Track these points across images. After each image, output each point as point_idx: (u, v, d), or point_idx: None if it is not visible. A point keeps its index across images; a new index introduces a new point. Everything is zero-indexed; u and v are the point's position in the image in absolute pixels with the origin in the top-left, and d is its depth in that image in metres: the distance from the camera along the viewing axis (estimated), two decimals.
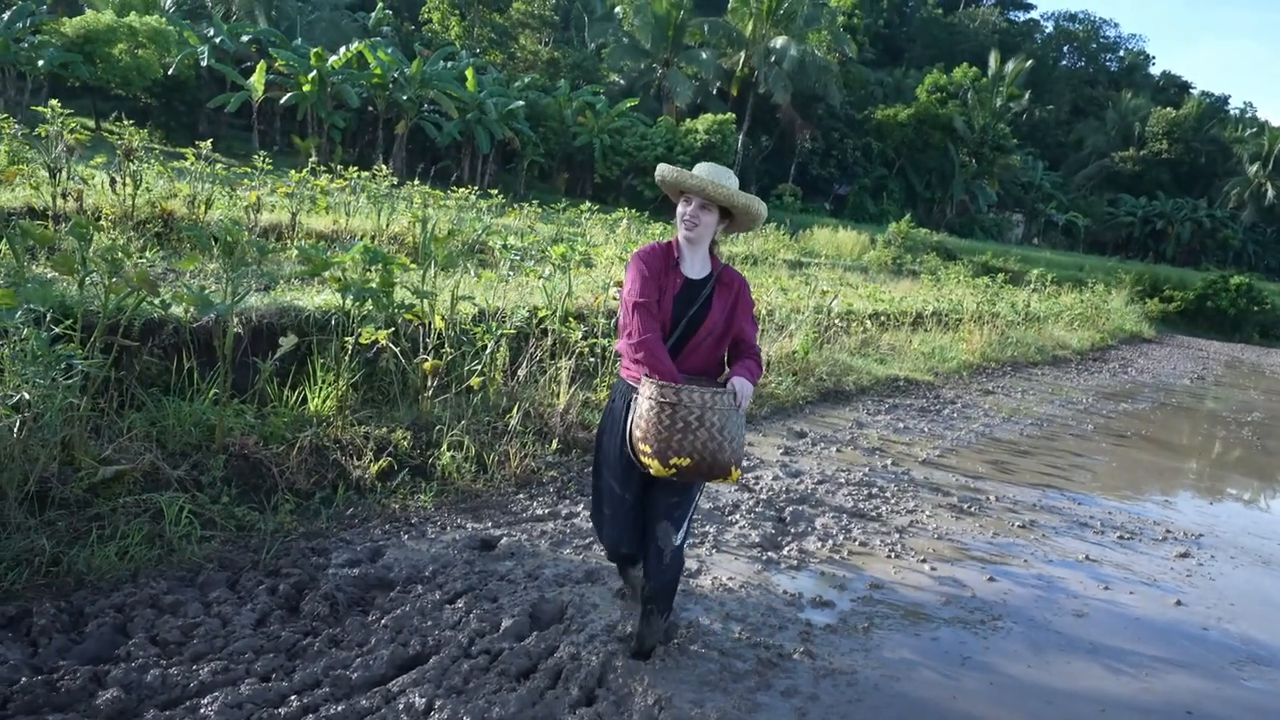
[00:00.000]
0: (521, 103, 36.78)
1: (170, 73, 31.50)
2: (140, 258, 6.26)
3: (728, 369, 3.20)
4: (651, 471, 2.92)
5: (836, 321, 11.48)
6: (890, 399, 9.79)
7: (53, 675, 2.69)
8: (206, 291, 4.68)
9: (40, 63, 27.97)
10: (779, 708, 3.20)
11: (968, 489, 6.52)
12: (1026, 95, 55.97)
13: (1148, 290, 33.14)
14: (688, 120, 41.13)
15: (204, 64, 32.73)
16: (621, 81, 47.07)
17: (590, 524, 4.18)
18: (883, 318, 13.12)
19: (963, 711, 3.35)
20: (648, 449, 2.89)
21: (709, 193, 3.01)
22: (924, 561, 4.88)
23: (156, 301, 4.22)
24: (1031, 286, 21.31)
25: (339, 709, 2.76)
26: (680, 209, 3.08)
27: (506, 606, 3.61)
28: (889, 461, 6.96)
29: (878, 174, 50.03)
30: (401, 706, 2.84)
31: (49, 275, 4.91)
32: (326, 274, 5.08)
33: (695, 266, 3.13)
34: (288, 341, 4.80)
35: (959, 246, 37.93)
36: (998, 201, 55.60)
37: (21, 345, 3.40)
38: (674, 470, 2.86)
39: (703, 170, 3.05)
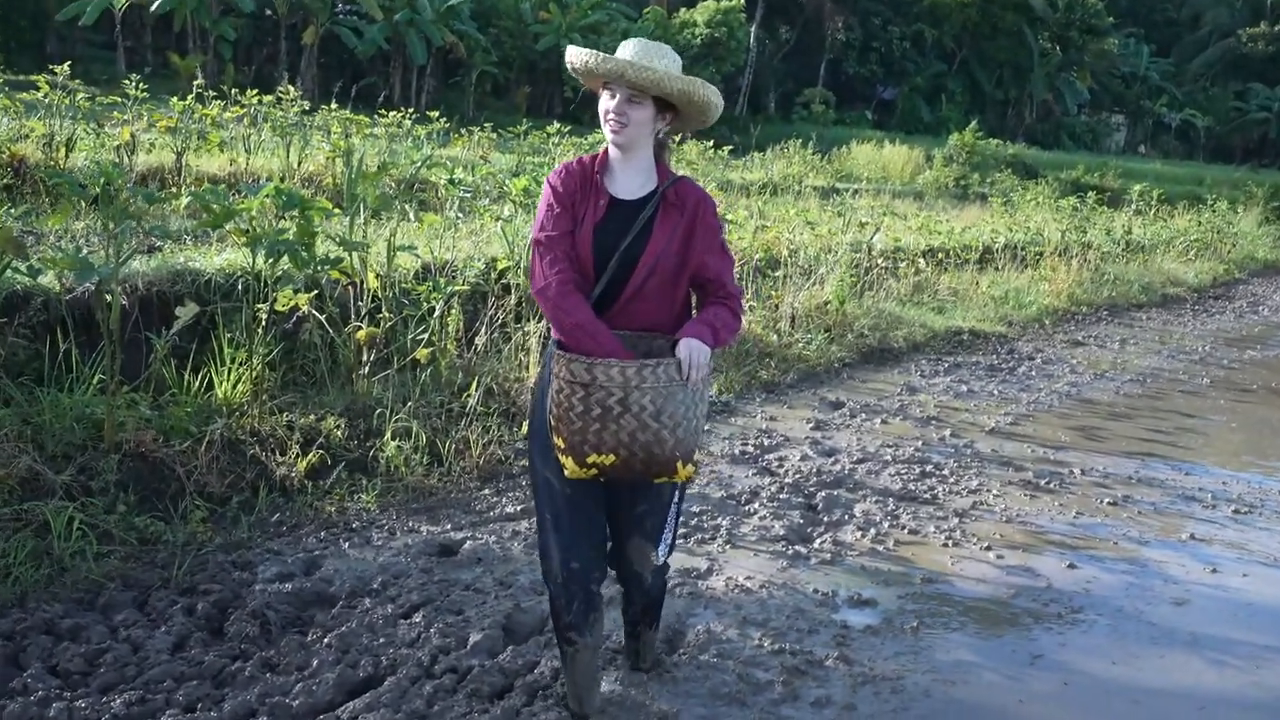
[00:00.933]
0: None
1: None
2: None
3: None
4: (566, 473, 2.86)
5: (880, 262, 11.72)
6: (950, 357, 10.06)
7: None
8: (83, 254, 4.90)
9: None
10: (808, 716, 3.46)
11: (1046, 462, 6.79)
12: None
13: None
14: (683, 10, 41.20)
15: None
16: None
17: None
18: (940, 255, 13.36)
19: (1030, 717, 3.62)
20: (560, 442, 2.81)
21: (631, 78, 2.81)
22: (988, 549, 5.15)
23: (24, 268, 4.44)
24: (1133, 208, 21.55)
25: None
26: (602, 105, 2.90)
27: (474, 620, 3.86)
28: (947, 433, 7.23)
29: (933, 71, 50.14)
30: None
31: None
32: (229, 226, 5.29)
33: (629, 182, 2.97)
34: (186, 311, 5.03)
35: (1041, 160, 38.21)
36: (1091, 100, 55.82)
37: None
38: (594, 471, 2.79)
39: (628, 50, 2.89)
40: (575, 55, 2.92)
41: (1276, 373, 11.04)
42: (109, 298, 4.82)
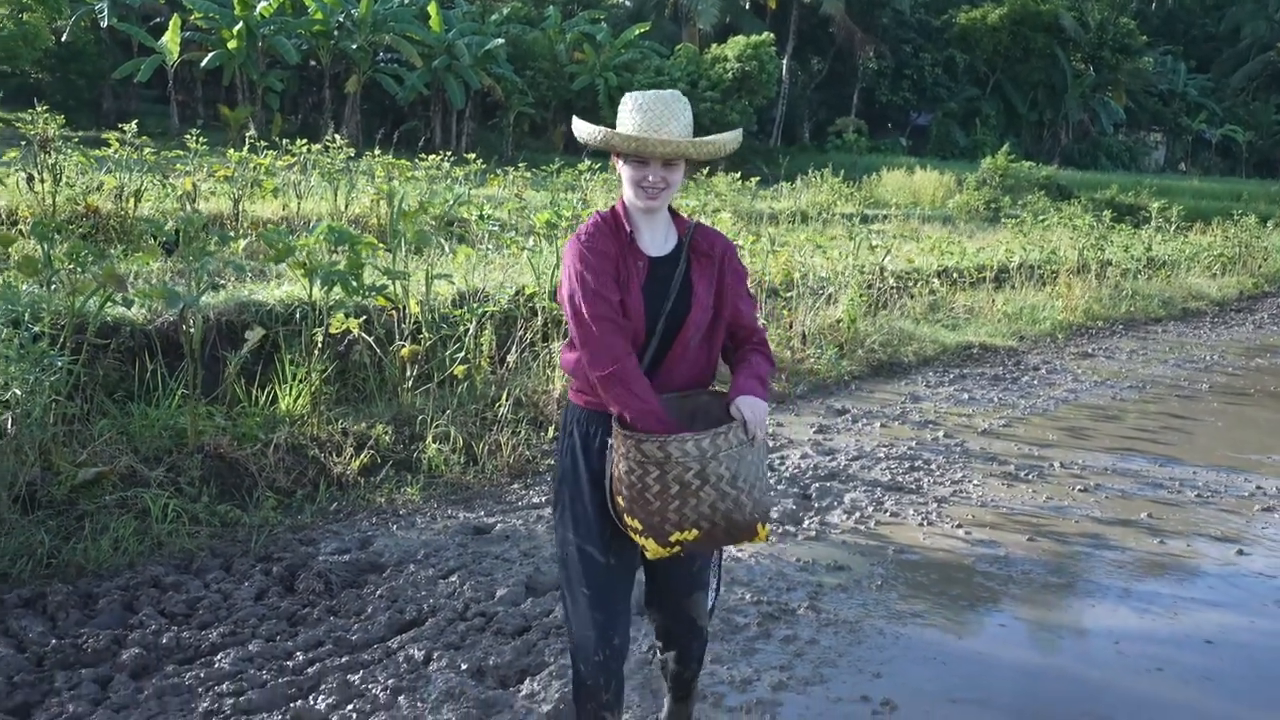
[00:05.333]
0: (501, 40, 38.10)
1: (64, 39, 33.13)
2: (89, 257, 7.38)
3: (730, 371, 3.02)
4: (648, 554, 2.78)
5: (892, 282, 12.42)
6: (958, 369, 10.74)
7: (77, 640, 3.78)
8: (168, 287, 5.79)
9: None
10: (776, 651, 4.21)
11: (1029, 457, 7.46)
12: None
13: None
14: (714, 46, 42.21)
15: (104, 25, 34.34)
16: (627, 3, 48.38)
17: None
18: (954, 275, 14.04)
19: (964, 648, 4.35)
20: (636, 524, 2.73)
21: (688, 155, 2.82)
22: (959, 527, 5.86)
23: (120, 299, 5.33)
24: (1154, 224, 22.06)
25: (342, 661, 3.82)
26: (631, 173, 2.83)
27: (501, 579, 4.65)
28: (941, 434, 7.92)
29: (966, 95, 50.76)
30: (401, 659, 3.89)
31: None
32: (289, 260, 6.17)
33: (657, 238, 2.92)
34: (254, 334, 5.90)
35: (1076, 181, 38.60)
36: (1127, 119, 56.06)
37: (4, 347, 4.49)
38: (678, 548, 2.73)
39: (641, 112, 2.82)
40: (593, 136, 2.89)
41: (1277, 378, 11.59)
42: (190, 324, 5.70)
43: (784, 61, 44.81)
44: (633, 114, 2.83)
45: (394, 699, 3.61)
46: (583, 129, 2.93)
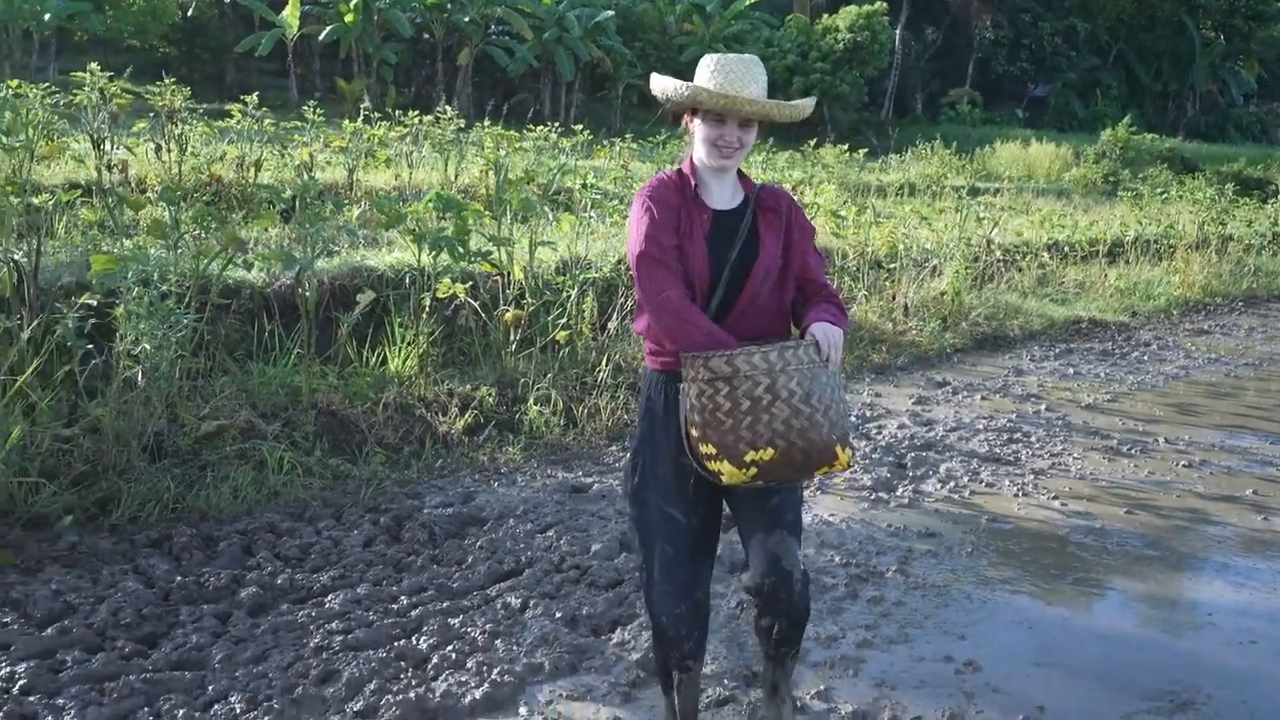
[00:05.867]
0: (611, 12, 38.19)
1: (189, 14, 34.29)
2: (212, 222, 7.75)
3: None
4: (724, 479, 2.73)
5: (1000, 255, 12.25)
6: (1065, 343, 10.58)
7: (199, 578, 4.05)
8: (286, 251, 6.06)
9: (46, 16, 30.98)
10: (862, 611, 4.29)
11: (1133, 432, 7.36)
12: None
13: None
14: (825, 16, 41.70)
15: (227, 0, 35.38)
16: None
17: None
18: (1065, 249, 13.77)
19: (1052, 614, 4.37)
20: (710, 449, 2.71)
21: (772, 116, 2.90)
22: (1055, 499, 5.83)
23: (241, 261, 5.61)
24: None
25: (444, 606, 4.03)
26: (708, 131, 2.88)
27: (596, 535, 4.81)
28: (1042, 408, 7.85)
29: (1087, 65, 49.22)
30: (499, 605, 4.07)
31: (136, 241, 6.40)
32: (399, 227, 6.40)
33: (724, 194, 2.99)
34: (365, 297, 6.15)
35: (1201, 154, 37.27)
36: (1259, 90, 53.70)
37: (135, 304, 4.79)
38: (754, 470, 2.68)
39: (722, 73, 2.86)
40: (672, 88, 2.91)
41: None
42: (305, 287, 5.97)
43: (897, 31, 44.00)
44: (714, 74, 2.87)
45: (491, 641, 3.79)
46: (666, 83, 2.94)
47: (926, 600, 4.43)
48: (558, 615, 4.01)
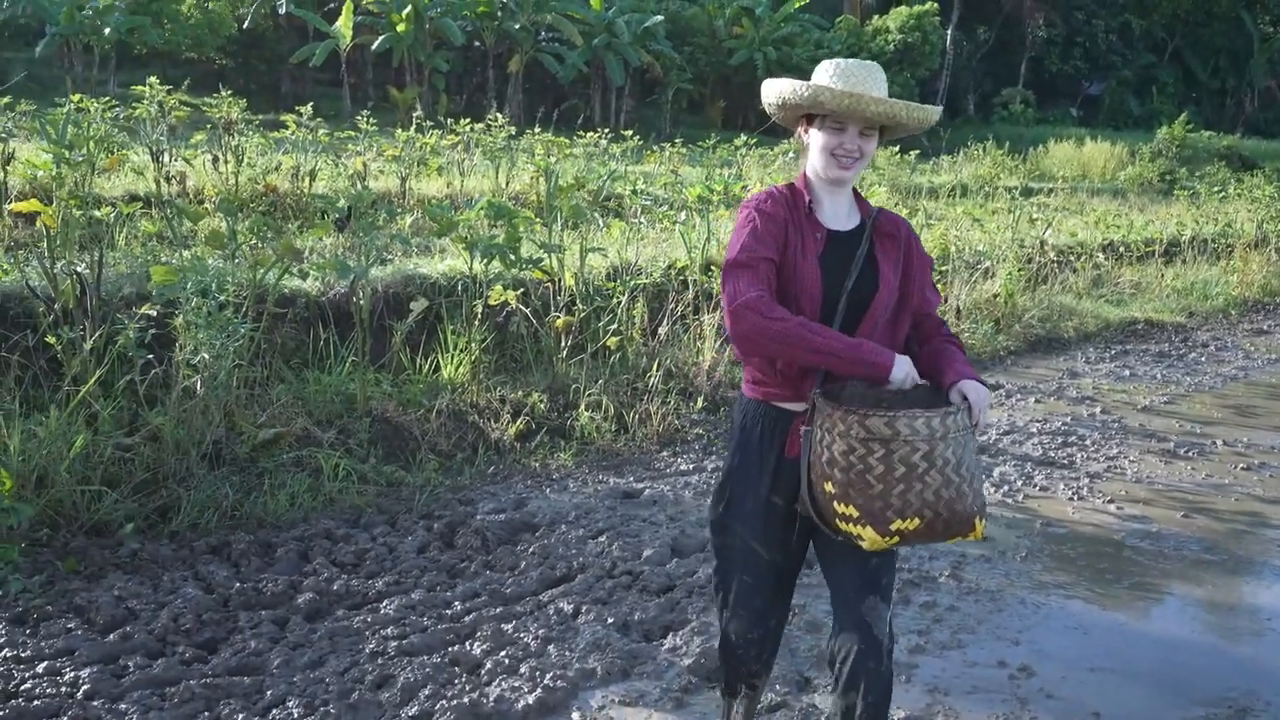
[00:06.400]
0: (660, 17, 38.26)
1: (245, 26, 34.81)
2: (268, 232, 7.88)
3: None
4: (864, 544, 2.53)
5: (1054, 257, 12.11)
6: (1120, 345, 10.44)
7: (258, 584, 4.12)
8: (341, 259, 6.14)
9: (106, 30, 31.63)
10: (914, 616, 4.26)
11: (1190, 435, 7.24)
12: None
13: None
14: (875, 17, 41.48)
15: (282, 12, 35.95)
16: None
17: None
18: (1120, 249, 13.58)
19: (1107, 619, 4.31)
20: (852, 510, 2.51)
21: (899, 117, 2.68)
22: (1110, 502, 5.76)
23: (297, 270, 5.69)
24: None
25: (497, 611, 4.06)
26: (826, 139, 2.70)
27: (648, 540, 4.82)
28: (1098, 410, 7.75)
29: (1142, 63, 48.49)
30: (552, 611, 4.10)
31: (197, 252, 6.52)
32: (451, 235, 6.46)
33: (838, 213, 2.79)
34: (418, 305, 6.22)
35: (1261, 151, 36.62)
36: None
37: (194, 314, 4.88)
38: (896, 539, 2.51)
39: (842, 76, 2.69)
40: (789, 90, 2.72)
41: None
42: (359, 296, 6.05)
43: (948, 32, 43.62)
44: (834, 77, 2.68)
45: (544, 647, 3.82)
46: (782, 85, 2.74)
47: (980, 605, 4.40)
48: (610, 621, 4.03)
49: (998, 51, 48.64)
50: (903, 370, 2.60)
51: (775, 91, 2.76)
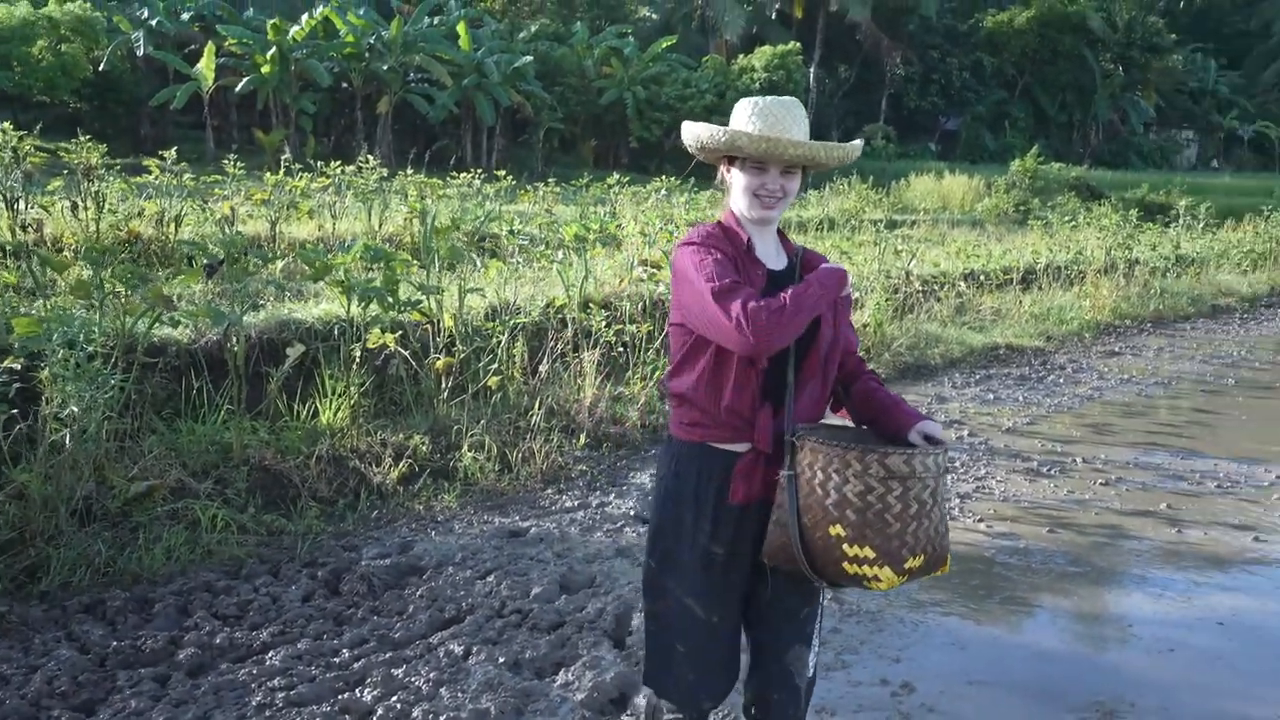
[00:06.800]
0: (530, 58, 38.46)
1: (101, 68, 33.82)
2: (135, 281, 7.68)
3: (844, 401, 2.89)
4: (880, 586, 2.50)
5: (919, 286, 12.54)
6: (984, 370, 10.85)
7: (136, 642, 4.01)
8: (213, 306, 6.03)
9: None
10: None
11: (1052, 454, 7.58)
12: None
13: None
14: (741, 56, 42.41)
15: (140, 54, 35.04)
16: (654, 16, 48.62)
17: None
18: (980, 278, 14.12)
19: (982, 634, 4.50)
20: (868, 552, 2.47)
21: (815, 158, 2.64)
22: (980, 521, 5.99)
23: (167, 318, 5.57)
24: (1182, 222, 22.01)
25: (386, 657, 4.02)
26: (748, 180, 2.67)
27: (536, 579, 4.84)
28: (965, 432, 8.05)
29: (995, 99, 50.67)
30: (442, 653, 4.08)
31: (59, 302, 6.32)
32: (328, 278, 6.40)
33: (769, 252, 2.77)
34: (295, 351, 6.14)
35: (1106, 181, 38.47)
36: (1158, 117, 55.71)
37: (60, 366, 4.74)
38: (906, 578, 2.50)
39: (761, 116, 2.66)
40: (706, 135, 2.68)
41: None
42: (234, 342, 5.95)
43: (811, 70, 44.94)
44: (752, 118, 2.66)
45: (436, 690, 3.80)
46: (699, 129, 2.70)
47: (861, 626, 4.53)
48: (501, 660, 4.03)
49: (859, 89, 50.27)
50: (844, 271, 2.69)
51: (694, 135, 2.73)
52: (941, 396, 9.47)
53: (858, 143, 2.82)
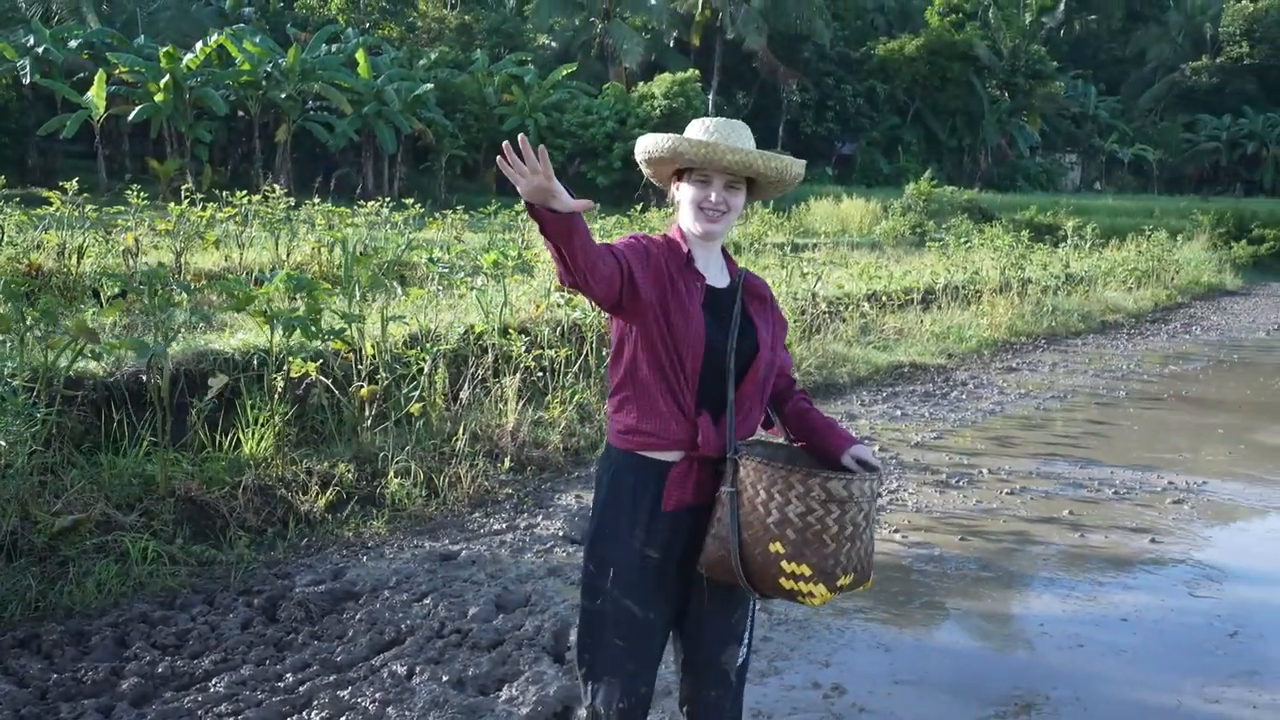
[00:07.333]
0: (430, 85, 38.42)
1: None
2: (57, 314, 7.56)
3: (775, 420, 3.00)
4: (815, 601, 2.62)
5: (825, 308, 12.89)
6: (890, 387, 11.20)
7: (76, 674, 4.00)
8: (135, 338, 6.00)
9: None
10: None
11: (960, 466, 7.90)
12: (1062, 4, 58.33)
13: (1232, 232, 34.90)
14: (641, 84, 42.88)
15: (26, 81, 34.11)
16: (553, 44, 48.95)
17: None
18: (883, 298, 14.56)
19: (905, 637, 4.72)
20: (805, 569, 2.58)
21: (756, 166, 2.71)
22: (896, 531, 6.24)
23: (90, 350, 5.55)
24: (1070, 242, 22.92)
25: (330, 679, 4.08)
26: (693, 193, 2.76)
27: (472, 599, 4.93)
28: (876, 448, 8.33)
29: (888, 124, 52.00)
30: (386, 674, 4.15)
31: None
32: (250, 309, 6.41)
33: (712, 269, 2.84)
34: (217, 381, 6.14)
35: (996, 203, 39.73)
36: (1043, 142, 57.79)
37: None
38: (836, 595, 2.64)
39: (707, 131, 2.79)
40: (655, 145, 2.77)
41: (1188, 383, 12.22)
42: (158, 374, 5.93)
43: (710, 97, 45.64)
44: (700, 134, 2.78)
45: (383, 709, 3.87)
46: (648, 140, 2.79)
47: (791, 634, 4.72)
48: (445, 679, 4.12)
49: (757, 115, 51.09)
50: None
51: (642, 147, 2.80)
52: (850, 414, 9.77)
53: (800, 160, 2.86)
